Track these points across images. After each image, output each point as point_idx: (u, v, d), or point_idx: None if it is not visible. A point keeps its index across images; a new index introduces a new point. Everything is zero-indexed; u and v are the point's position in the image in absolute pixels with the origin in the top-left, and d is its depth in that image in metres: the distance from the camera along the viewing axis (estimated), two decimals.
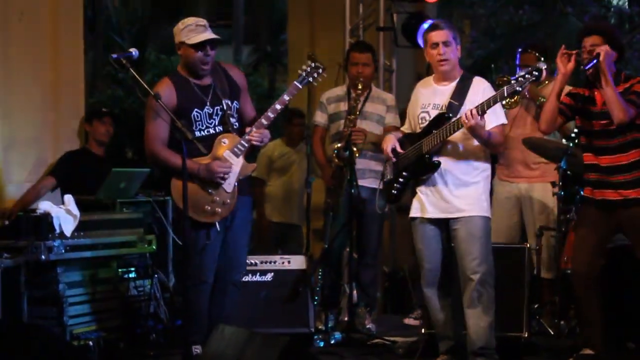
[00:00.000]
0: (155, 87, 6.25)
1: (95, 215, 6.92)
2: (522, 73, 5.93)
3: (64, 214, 6.55)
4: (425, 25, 8.93)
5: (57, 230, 6.48)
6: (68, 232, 6.54)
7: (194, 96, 6.27)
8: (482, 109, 5.96)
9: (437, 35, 6.21)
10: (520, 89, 5.95)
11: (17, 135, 7.71)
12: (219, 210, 6.26)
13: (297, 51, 10.44)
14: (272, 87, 23.05)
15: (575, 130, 9.17)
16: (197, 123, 6.26)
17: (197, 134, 6.22)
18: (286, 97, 6.39)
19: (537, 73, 5.90)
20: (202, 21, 6.30)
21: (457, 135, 6.12)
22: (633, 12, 18.21)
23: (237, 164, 6.31)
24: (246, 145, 6.31)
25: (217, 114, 6.32)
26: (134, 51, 5.96)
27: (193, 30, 6.21)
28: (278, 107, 6.34)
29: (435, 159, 6.18)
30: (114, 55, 5.91)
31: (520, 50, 7.86)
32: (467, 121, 5.94)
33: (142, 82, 5.85)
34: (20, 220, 6.55)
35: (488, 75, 8.20)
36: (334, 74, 9.45)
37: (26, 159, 7.81)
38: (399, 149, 6.38)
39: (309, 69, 6.50)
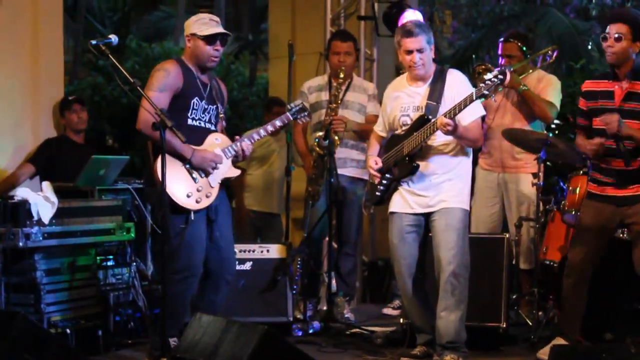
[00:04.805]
0: (163, 63, 6.35)
1: (74, 203, 6.89)
2: (489, 76, 5.91)
3: (42, 200, 6.51)
4: (407, 14, 8.93)
5: (35, 217, 6.44)
6: (46, 219, 6.50)
7: (196, 86, 6.31)
8: (453, 113, 5.98)
9: (411, 43, 6.19)
10: (487, 93, 5.93)
11: None
12: (201, 200, 6.24)
13: (278, 40, 10.41)
14: (252, 76, 23.00)
15: (556, 121, 9.17)
16: (194, 111, 6.28)
17: (190, 121, 6.25)
18: (278, 123, 6.57)
19: (502, 77, 5.89)
20: (216, 18, 6.38)
21: (436, 134, 6.13)
22: (615, 4, 18.21)
23: (226, 163, 6.35)
24: (236, 150, 6.36)
25: (209, 112, 6.35)
26: (113, 37, 5.92)
27: (206, 24, 6.26)
28: (269, 128, 6.55)
29: (414, 162, 6.22)
30: (93, 41, 5.88)
31: (502, 39, 7.85)
32: (443, 128, 5.98)
33: (121, 68, 5.83)
34: None
35: (469, 65, 8.19)
36: (315, 63, 9.44)
37: (5, 146, 7.76)
38: (380, 164, 6.40)
39: (296, 109, 6.66)
